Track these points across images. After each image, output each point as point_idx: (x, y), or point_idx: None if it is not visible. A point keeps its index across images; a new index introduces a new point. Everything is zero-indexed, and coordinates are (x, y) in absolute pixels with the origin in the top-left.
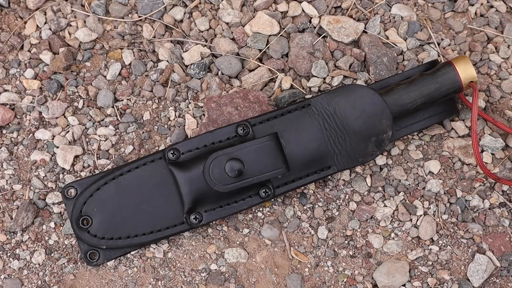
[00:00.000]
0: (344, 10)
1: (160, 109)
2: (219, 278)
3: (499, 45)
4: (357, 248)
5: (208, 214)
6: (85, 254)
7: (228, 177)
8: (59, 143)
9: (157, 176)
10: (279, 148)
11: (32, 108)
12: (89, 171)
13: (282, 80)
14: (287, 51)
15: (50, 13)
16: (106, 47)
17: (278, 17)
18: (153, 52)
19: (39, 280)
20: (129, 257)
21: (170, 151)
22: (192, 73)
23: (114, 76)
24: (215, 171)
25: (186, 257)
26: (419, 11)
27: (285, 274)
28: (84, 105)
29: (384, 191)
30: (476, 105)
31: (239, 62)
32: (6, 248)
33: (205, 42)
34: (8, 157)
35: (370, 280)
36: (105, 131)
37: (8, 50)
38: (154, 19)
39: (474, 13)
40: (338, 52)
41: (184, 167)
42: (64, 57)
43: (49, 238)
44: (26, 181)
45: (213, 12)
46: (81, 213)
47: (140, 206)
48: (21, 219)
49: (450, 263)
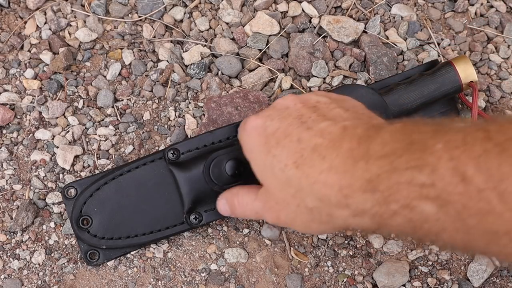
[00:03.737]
0: (344, 10)
1: (160, 109)
2: (219, 278)
3: (499, 45)
4: (357, 248)
5: (208, 214)
6: (85, 254)
7: (227, 177)
8: (59, 143)
9: (157, 176)
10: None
11: (32, 108)
12: (89, 171)
13: (282, 80)
14: (287, 51)
15: (50, 13)
16: (106, 47)
17: (278, 17)
18: (153, 52)
19: (39, 280)
20: (129, 257)
21: (170, 151)
22: (192, 73)
23: (114, 76)
24: (215, 171)
25: (186, 257)
26: (419, 11)
27: (285, 274)
28: (84, 105)
29: None
30: (476, 105)
31: (239, 62)
32: (6, 248)
33: (205, 42)
34: (8, 157)
35: (370, 280)
36: (105, 131)
37: (8, 50)
38: (154, 19)
39: (474, 13)
40: (338, 52)
41: (184, 167)
42: (64, 57)
43: (49, 238)
44: (26, 181)
45: (213, 12)
46: (81, 213)
47: (140, 206)
48: (21, 219)
49: (450, 263)
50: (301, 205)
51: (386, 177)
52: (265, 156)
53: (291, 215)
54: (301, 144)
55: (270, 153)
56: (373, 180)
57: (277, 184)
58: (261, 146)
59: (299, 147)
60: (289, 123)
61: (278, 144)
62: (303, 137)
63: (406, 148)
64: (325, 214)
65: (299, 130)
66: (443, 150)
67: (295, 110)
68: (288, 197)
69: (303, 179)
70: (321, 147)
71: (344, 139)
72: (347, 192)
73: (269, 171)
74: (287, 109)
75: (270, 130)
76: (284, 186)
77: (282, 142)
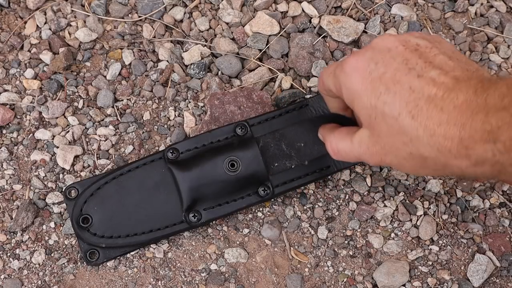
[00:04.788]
0: (344, 10)
1: (160, 109)
2: (219, 278)
3: (499, 45)
4: (357, 248)
5: (207, 213)
6: (85, 254)
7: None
8: (59, 143)
9: (156, 175)
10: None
11: (32, 108)
12: (89, 171)
13: (282, 80)
14: (287, 51)
15: (50, 13)
16: (106, 47)
17: (278, 17)
18: (153, 52)
19: (39, 280)
20: (129, 257)
21: (170, 150)
22: (192, 73)
23: (114, 76)
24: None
25: (186, 257)
26: (419, 11)
27: (285, 274)
28: (84, 105)
29: (384, 191)
30: None
31: (239, 62)
32: (6, 248)
33: (205, 42)
34: (8, 157)
35: (370, 280)
36: (105, 131)
37: (8, 50)
38: (154, 19)
39: (474, 13)
40: (338, 52)
41: (183, 166)
42: (64, 57)
43: (49, 238)
44: (26, 181)
45: (213, 12)
46: (81, 212)
47: (140, 205)
48: (21, 219)
49: (450, 263)
50: (414, 153)
51: (507, 129)
52: (375, 101)
53: (400, 160)
54: (414, 93)
55: (379, 99)
56: (494, 131)
57: (387, 131)
58: (369, 91)
59: (413, 96)
60: (395, 68)
61: (388, 91)
62: (415, 85)
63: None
64: (441, 163)
65: (408, 77)
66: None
67: (397, 53)
68: (399, 143)
69: (420, 130)
70: (436, 97)
71: (461, 90)
72: (468, 144)
73: (380, 117)
74: (389, 52)
75: (375, 75)
76: (396, 134)
77: (392, 88)
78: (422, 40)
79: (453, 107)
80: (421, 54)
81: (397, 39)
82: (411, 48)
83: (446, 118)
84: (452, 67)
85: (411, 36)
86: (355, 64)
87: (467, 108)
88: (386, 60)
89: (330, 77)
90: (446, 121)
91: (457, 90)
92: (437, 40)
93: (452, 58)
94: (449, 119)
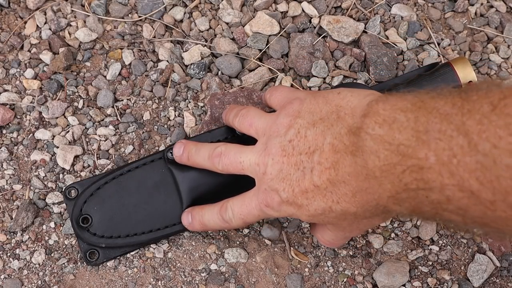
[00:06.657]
0: (344, 10)
1: (160, 109)
2: (219, 278)
3: (499, 45)
4: (357, 248)
5: None
6: (85, 254)
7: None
8: (59, 143)
9: (156, 175)
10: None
11: (32, 108)
12: (89, 171)
13: (282, 80)
14: (287, 51)
15: (50, 13)
16: (106, 47)
17: (278, 17)
18: (153, 52)
19: (39, 280)
20: (129, 257)
21: (170, 150)
22: (192, 73)
23: (114, 76)
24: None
25: (186, 257)
26: (419, 11)
27: (285, 274)
28: (84, 105)
29: None
30: None
31: (239, 62)
32: (6, 248)
33: (205, 42)
34: (8, 157)
35: (370, 280)
36: (105, 131)
37: (8, 50)
38: (154, 19)
39: (474, 13)
40: (338, 52)
41: (183, 166)
42: (64, 57)
43: (49, 238)
44: (26, 181)
45: (213, 12)
46: (81, 212)
47: (139, 205)
48: (21, 219)
49: (450, 263)
50: (360, 222)
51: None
52: (314, 212)
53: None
54: (325, 189)
55: (310, 208)
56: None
57: (337, 221)
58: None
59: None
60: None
61: (308, 199)
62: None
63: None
64: (380, 211)
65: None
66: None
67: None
68: (350, 222)
69: (352, 208)
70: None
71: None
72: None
73: (326, 219)
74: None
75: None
76: (344, 219)
77: (310, 194)
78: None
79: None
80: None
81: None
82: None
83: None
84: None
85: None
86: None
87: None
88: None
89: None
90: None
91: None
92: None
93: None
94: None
